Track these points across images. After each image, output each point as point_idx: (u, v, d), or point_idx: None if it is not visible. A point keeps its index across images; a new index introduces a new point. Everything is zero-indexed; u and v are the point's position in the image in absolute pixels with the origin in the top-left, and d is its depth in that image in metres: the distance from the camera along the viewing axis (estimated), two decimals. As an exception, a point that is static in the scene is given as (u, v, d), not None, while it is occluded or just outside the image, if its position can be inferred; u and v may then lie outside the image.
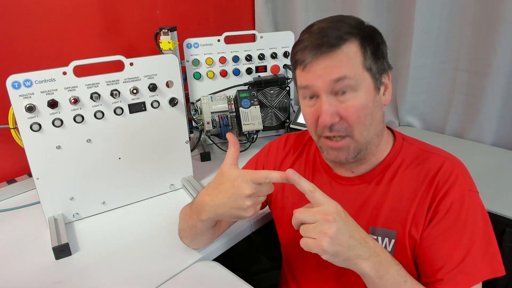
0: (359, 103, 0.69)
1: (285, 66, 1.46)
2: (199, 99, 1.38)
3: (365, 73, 0.70)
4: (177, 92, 1.04)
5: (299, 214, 0.62)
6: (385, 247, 0.74)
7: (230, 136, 0.72)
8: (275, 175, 0.64)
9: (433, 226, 0.70)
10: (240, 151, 1.33)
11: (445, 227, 0.69)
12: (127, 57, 0.96)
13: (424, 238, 0.71)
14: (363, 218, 0.76)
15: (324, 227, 0.60)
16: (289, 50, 1.44)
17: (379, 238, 0.75)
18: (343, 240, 0.61)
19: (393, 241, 0.73)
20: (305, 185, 0.62)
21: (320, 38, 0.69)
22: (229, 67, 1.41)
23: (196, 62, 1.37)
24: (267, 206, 0.94)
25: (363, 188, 0.78)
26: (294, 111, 1.48)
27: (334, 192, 0.80)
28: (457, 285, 0.66)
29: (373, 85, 0.71)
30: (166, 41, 1.25)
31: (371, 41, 0.72)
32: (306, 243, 0.61)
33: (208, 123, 1.32)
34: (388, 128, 0.81)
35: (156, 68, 1.00)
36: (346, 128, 0.71)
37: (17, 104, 0.87)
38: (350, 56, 0.69)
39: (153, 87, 1.00)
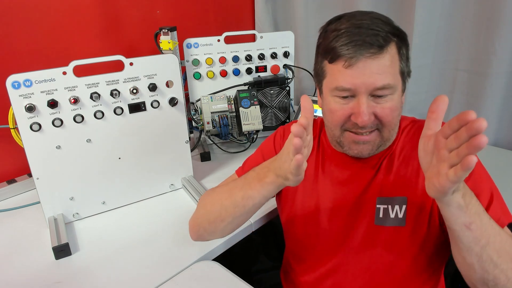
0: (394, 106, 0.71)
1: (285, 66, 1.45)
2: (199, 99, 1.38)
3: (399, 77, 0.71)
4: (177, 92, 1.04)
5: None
6: (397, 214, 0.75)
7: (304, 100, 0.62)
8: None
9: None
10: (240, 151, 1.36)
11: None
12: (127, 57, 0.96)
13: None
14: (372, 191, 0.78)
15: None
16: (289, 50, 1.44)
17: (389, 206, 0.75)
18: None
19: (404, 207, 0.75)
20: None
21: (368, 34, 0.66)
22: (229, 67, 1.41)
23: (196, 62, 1.37)
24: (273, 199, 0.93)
25: (370, 161, 0.79)
26: (294, 111, 1.48)
27: (343, 174, 0.81)
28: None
29: (402, 88, 0.73)
30: (166, 41, 1.25)
31: (405, 44, 0.72)
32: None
33: (208, 123, 1.32)
34: None
35: (156, 68, 1.00)
36: (378, 124, 0.72)
37: (17, 104, 0.87)
38: (393, 60, 0.68)
39: (153, 87, 1.00)
